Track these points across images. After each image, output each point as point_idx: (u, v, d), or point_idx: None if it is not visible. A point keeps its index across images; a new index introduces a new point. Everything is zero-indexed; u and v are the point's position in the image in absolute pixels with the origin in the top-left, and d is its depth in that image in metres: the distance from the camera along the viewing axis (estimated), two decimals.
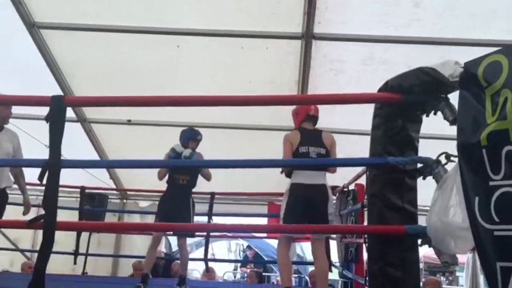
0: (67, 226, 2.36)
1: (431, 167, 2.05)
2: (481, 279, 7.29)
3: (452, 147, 2.01)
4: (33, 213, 4.77)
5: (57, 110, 2.26)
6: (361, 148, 2.71)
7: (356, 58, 5.03)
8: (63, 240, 5.96)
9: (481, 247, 1.79)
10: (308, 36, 4.79)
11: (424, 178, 2.12)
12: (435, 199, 1.96)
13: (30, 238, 7.72)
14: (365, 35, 4.77)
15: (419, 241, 2.09)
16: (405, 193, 2.13)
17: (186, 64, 5.48)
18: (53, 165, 2.17)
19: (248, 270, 8.87)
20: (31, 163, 2.32)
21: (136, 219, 7.74)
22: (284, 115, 5.85)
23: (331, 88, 4.94)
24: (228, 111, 5.86)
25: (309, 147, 3.56)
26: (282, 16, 4.77)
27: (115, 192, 7.91)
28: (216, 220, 6.21)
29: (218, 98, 2.43)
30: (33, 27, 5.09)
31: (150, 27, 5.02)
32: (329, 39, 4.89)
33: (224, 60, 5.36)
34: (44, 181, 2.19)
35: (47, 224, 2.09)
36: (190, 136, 4.59)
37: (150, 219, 7.39)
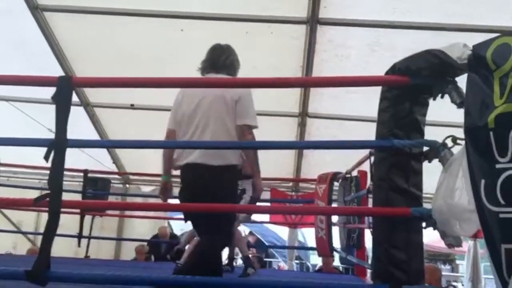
0: (72, 205, 2.36)
1: (437, 150, 2.05)
2: (482, 267, 7.32)
3: (457, 134, 2.02)
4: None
5: (63, 90, 2.26)
6: (368, 134, 2.70)
7: (361, 44, 5.00)
8: (67, 223, 5.99)
9: (487, 229, 1.80)
10: (313, 21, 4.76)
11: (430, 161, 2.12)
12: (440, 181, 1.97)
13: (33, 221, 7.77)
14: (371, 20, 4.73)
15: (424, 224, 2.10)
16: (411, 177, 2.13)
17: (190, 48, 5.42)
18: (59, 144, 2.17)
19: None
20: (37, 143, 2.32)
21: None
22: (289, 100, 5.86)
23: (336, 74, 4.91)
24: None
25: None
26: (287, 0, 4.73)
27: (117, 176, 7.93)
28: None
29: (223, 80, 2.42)
30: (36, 10, 5.06)
31: (154, 10, 5.00)
32: (335, 24, 4.85)
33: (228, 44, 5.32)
34: (49, 162, 2.20)
35: (53, 202, 2.09)
36: None
37: None
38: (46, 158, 2.19)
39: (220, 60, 2.93)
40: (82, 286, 2.75)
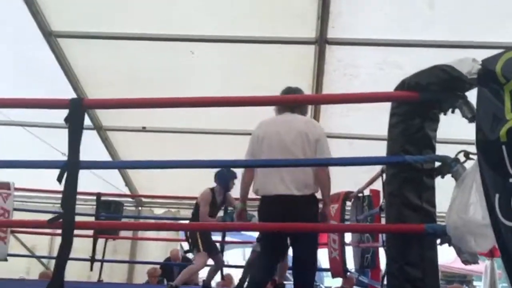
0: (85, 226, 2.37)
1: (450, 165, 2.04)
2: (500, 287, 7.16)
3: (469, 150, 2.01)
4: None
5: (76, 112, 2.30)
6: (378, 153, 2.69)
7: (370, 63, 5.03)
8: (80, 247, 6.01)
9: (503, 244, 1.77)
10: (321, 41, 4.81)
11: (443, 177, 2.10)
12: (454, 197, 1.95)
13: (47, 246, 7.79)
14: (379, 39, 4.76)
15: (439, 241, 2.07)
16: (423, 192, 2.11)
17: (200, 71, 5.53)
18: (71, 165, 2.20)
19: None
20: (51, 165, 2.35)
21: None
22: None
23: (346, 92, 4.94)
24: (242, 117, 5.88)
25: None
26: (295, 21, 4.80)
27: (130, 199, 7.96)
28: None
29: (235, 98, 2.45)
30: (50, 36, 5.19)
31: (164, 34, 5.09)
32: (343, 43, 4.89)
33: (238, 66, 5.39)
34: (62, 184, 2.23)
35: (66, 223, 2.11)
36: (230, 177, 4.65)
37: None
38: (59, 179, 2.22)
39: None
40: None
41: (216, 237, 6.66)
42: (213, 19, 4.97)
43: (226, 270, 6.53)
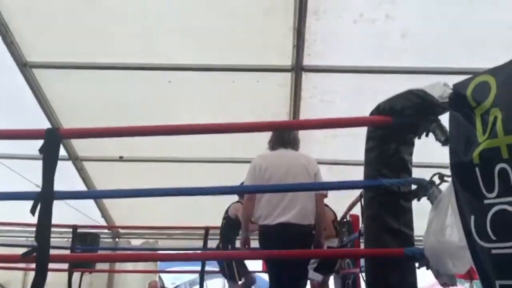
0: (60, 259, 2.31)
1: (426, 188, 2.06)
2: None
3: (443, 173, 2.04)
4: None
5: (51, 142, 2.26)
6: (356, 178, 2.72)
7: (346, 89, 5.11)
8: (55, 281, 5.82)
9: (480, 266, 1.78)
10: (297, 68, 4.88)
11: (418, 200, 2.12)
12: (430, 219, 1.96)
13: (20, 281, 7.53)
14: (354, 66, 4.86)
15: (417, 264, 2.07)
16: (401, 216, 2.13)
17: (178, 99, 5.53)
18: (45, 196, 2.15)
19: None
20: (24, 196, 2.29)
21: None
22: None
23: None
24: (219, 145, 5.89)
25: None
26: (272, 49, 4.87)
27: (107, 231, 7.80)
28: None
29: (213, 126, 2.45)
30: (25, 67, 5.13)
31: (141, 63, 5.08)
32: (319, 71, 4.97)
33: (215, 94, 5.42)
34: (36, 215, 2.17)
35: (41, 257, 2.05)
36: None
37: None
38: (32, 211, 2.16)
39: (285, 137, 3.51)
40: None
41: (196, 266, 6.55)
42: (190, 48, 5.00)
43: None
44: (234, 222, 4.86)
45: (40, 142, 2.27)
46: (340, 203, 5.01)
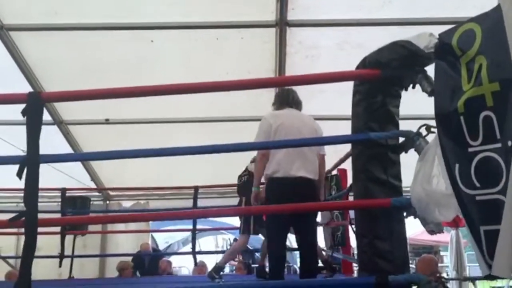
0: (49, 222, 2.31)
1: (413, 140, 2.08)
2: (465, 256, 7.43)
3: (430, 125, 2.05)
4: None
5: (34, 106, 2.23)
6: (344, 133, 2.73)
7: (331, 43, 5.05)
8: (48, 245, 5.87)
9: (466, 212, 1.83)
10: (282, 24, 4.80)
11: (406, 152, 2.14)
12: (417, 170, 1.99)
13: (13, 247, 7.58)
14: (339, 19, 4.80)
15: (405, 213, 2.12)
16: (388, 168, 2.15)
17: (161, 59, 5.44)
18: (31, 160, 2.13)
19: (237, 263, 8.87)
20: (9, 160, 2.27)
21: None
22: (263, 104, 5.87)
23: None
24: (206, 105, 5.85)
25: None
26: (255, 4, 4.77)
27: (97, 193, 7.82)
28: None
29: (198, 85, 2.42)
30: (1, 30, 4.98)
31: (122, 23, 4.96)
32: (303, 25, 4.90)
33: (199, 52, 5.33)
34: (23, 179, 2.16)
35: (29, 221, 2.05)
36: None
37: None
38: (19, 175, 2.15)
39: (290, 98, 3.66)
40: None
41: (187, 225, 6.65)
42: (172, 6, 4.87)
43: (199, 257, 6.54)
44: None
45: (22, 107, 2.24)
46: (328, 157, 5.04)
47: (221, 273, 4.48)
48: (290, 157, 3.33)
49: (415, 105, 3.55)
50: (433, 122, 2.00)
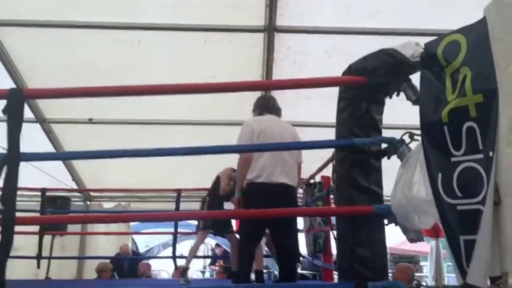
0: (27, 221, 2.27)
1: (396, 147, 2.09)
2: (445, 267, 7.50)
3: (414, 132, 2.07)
4: None
5: (15, 103, 2.19)
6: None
7: (319, 50, 5.07)
8: (25, 245, 5.77)
9: (446, 221, 1.84)
10: (270, 29, 4.80)
11: (389, 158, 2.15)
12: (399, 176, 2.00)
13: None
14: (328, 27, 4.81)
15: (386, 221, 2.12)
16: (371, 174, 2.16)
17: (148, 60, 5.40)
18: (11, 158, 2.09)
19: (217, 267, 8.83)
20: None
21: (101, 224, 7.50)
22: (246, 108, 5.88)
23: None
24: (191, 107, 5.83)
25: None
26: (244, 9, 4.75)
27: (78, 194, 7.71)
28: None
29: (184, 86, 2.41)
30: None
31: (110, 22, 4.91)
32: (292, 31, 4.91)
33: (187, 55, 5.30)
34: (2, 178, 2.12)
35: (6, 219, 2.01)
36: None
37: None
38: None
39: (270, 104, 3.70)
40: None
41: (169, 228, 6.59)
42: (160, 7, 4.84)
43: (179, 262, 6.46)
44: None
45: (3, 104, 2.20)
46: (311, 163, 5.05)
47: (188, 276, 4.49)
48: (272, 163, 3.35)
49: (398, 115, 3.58)
50: (416, 132, 2.03)
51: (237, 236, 4.21)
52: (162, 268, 10.30)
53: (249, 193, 3.40)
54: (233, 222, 4.76)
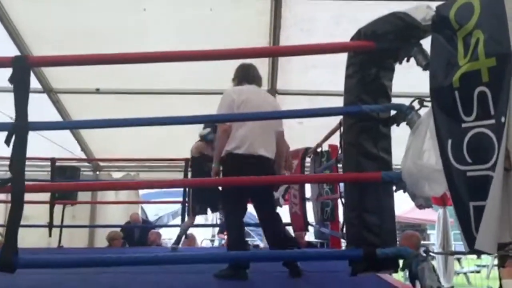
0: (37, 188, 2.29)
1: (405, 114, 2.06)
2: (452, 235, 7.53)
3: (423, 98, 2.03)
4: None
5: (20, 71, 2.17)
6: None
7: (327, 17, 4.98)
8: (37, 215, 5.86)
9: (454, 188, 1.82)
10: None
11: (398, 125, 2.13)
12: (409, 144, 1.98)
13: (2, 214, 7.56)
14: None
15: (394, 187, 2.11)
16: (379, 141, 2.13)
17: (154, 28, 5.35)
18: (19, 127, 2.09)
19: (226, 236, 8.93)
20: None
21: (111, 193, 7.59)
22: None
23: None
24: (198, 76, 5.78)
25: None
26: None
27: (87, 164, 7.78)
28: None
29: (191, 52, 2.38)
30: None
31: None
32: None
33: (193, 23, 5.23)
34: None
35: (15, 186, 2.02)
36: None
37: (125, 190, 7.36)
38: (7, 142, 2.11)
39: (250, 74, 3.59)
40: (54, 274, 2.69)
41: (178, 197, 6.64)
42: None
43: (189, 230, 6.55)
44: (198, 159, 4.95)
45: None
46: (319, 133, 5.03)
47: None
48: (253, 134, 3.30)
49: (408, 82, 3.53)
50: (426, 98, 1.99)
51: None
52: (172, 237, 10.43)
53: (227, 164, 3.35)
54: None
